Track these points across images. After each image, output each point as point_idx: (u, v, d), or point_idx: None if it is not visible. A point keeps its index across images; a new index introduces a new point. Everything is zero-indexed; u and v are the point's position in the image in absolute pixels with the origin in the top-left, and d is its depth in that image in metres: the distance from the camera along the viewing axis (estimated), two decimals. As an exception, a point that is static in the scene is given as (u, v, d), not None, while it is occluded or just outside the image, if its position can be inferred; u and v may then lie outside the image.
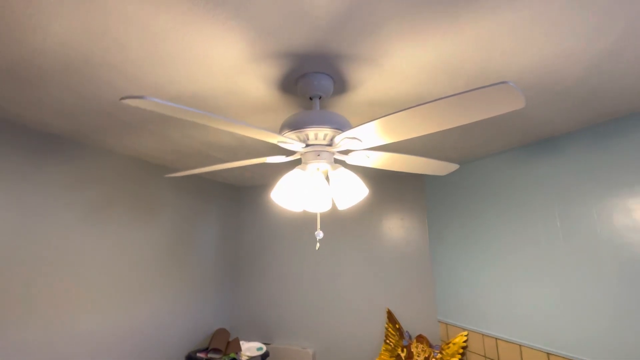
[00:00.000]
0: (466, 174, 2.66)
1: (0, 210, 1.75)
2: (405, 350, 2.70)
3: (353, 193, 1.22)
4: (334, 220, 3.25)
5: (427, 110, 0.86)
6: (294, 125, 1.18)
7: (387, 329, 2.85)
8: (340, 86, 1.40)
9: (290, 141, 1.11)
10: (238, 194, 3.72)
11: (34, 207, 1.90)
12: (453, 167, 1.46)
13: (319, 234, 1.26)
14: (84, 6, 0.94)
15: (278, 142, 1.10)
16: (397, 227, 3.08)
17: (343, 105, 1.57)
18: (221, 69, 1.26)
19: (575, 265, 1.90)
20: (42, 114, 1.71)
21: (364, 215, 3.19)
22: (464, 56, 1.20)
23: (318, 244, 1.45)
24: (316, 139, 1.20)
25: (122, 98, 0.67)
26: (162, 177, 2.77)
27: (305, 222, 3.37)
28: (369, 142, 1.13)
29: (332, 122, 1.17)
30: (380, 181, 3.20)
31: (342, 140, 1.13)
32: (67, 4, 0.93)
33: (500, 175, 2.40)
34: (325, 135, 1.19)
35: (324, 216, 3.27)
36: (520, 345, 2.14)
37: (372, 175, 3.18)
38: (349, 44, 1.12)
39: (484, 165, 2.53)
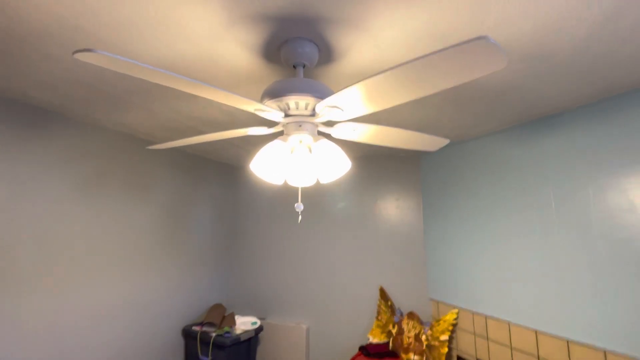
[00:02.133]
0: (462, 153, 2.61)
1: (-14, 183, 1.74)
2: (396, 326, 2.73)
3: (335, 166, 1.18)
4: (330, 198, 3.23)
5: (407, 71, 0.81)
6: (273, 93, 1.13)
7: (379, 305, 2.88)
8: (326, 54, 1.34)
9: (268, 109, 1.07)
10: (234, 173, 3.70)
11: (24, 181, 1.89)
12: (443, 141, 1.42)
13: (299, 206, 1.24)
14: (45, -40, 0.89)
15: (255, 110, 1.05)
16: (392, 207, 3.06)
17: (330, 76, 1.51)
18: (199, 34, 1.21)
19: (568, 246, 1.87)
20: (26, 86, 1.67)
21: (359, 194, 3.17)
22: (456, 22, 1.13)
23: (300, 217, 1.41)
24: (297, 108, 1.15)
25: (74, 52, 0.63)
26: (156, 154, 2.75)
27: (299, 201, 3.36)
28: (351, 111, 1.08)
29: (314, 90, 1.12)
30: (377, 160, 3.15)
31: (323, 110, 1.08)
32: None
33: (495, 155, 2.35)
34: (307, 104, 1.14)
35: (320, 195, 3.25)
36: (509, 323, 2.15)
37: (368, 155, 3.14)
38: (332, 5, 1.05)
39: (480, 144, 2.47)
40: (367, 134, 1.32)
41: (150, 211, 2.67)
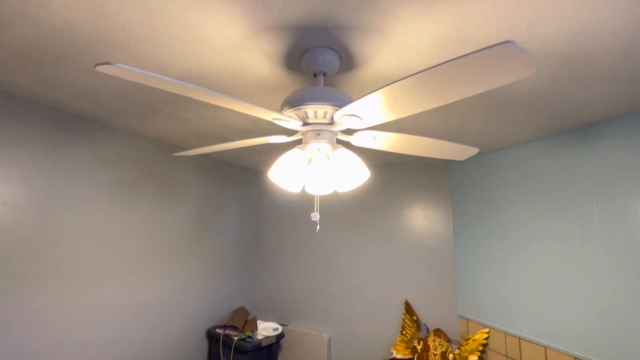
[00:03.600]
0: (494, 163, 2.47)
1: (30, 186, 1.87)
2: (421, 342, 2.61)
3: (353, 175, 1.15)
4: (354, 208, 3.18)
5: (427, 78, 0.77)
6: (292, 102, 1.13)
7: (404, 320, 2.78)
8: (347, 62, 1.32)
9: (286, 119, 1.06)
10: (258, 178, 3.75)
11: (61, 184, 2.02)
12: (472, 150, 1.34)
13: (315, 216, 1.21)
14: (79, -21, 0.94)
15: (273, 119, 1.05)
16: (419, 217, 2.95)
17: (351, 84, 1.49)
18: (223, 45, 1.23)
19: (613, 264, 1.70)
20: (63, 95, 1.79)
21: (385, 203, 3.09)
22: (483, 28, 1.07)
23: (318, 227, 1.38)
24: (316, 117, 1.14)
25: (96, 65, 0.65)
26: (184, 159, 2.85)
27: (325, 207, 3.34)
28: (370, 119, 1.05)
29: (332, 99, 1.10)
30: (403, 168, 3.07)
31: (341, 118, 1.06)
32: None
33: (531, 165, 2.21)
34: (326, 112, 1.12)
35: (345, 204, 3.21)
36: (545, 347, 1.99)
37: (394, 162, 3.07)
38: (352, 12, 1.04)
39: (513, 153, 2.33)
40: (388, 142, 1.28)
41: (178, 215, 2.76)
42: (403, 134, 1.23)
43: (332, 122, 1.16)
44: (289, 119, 1.06)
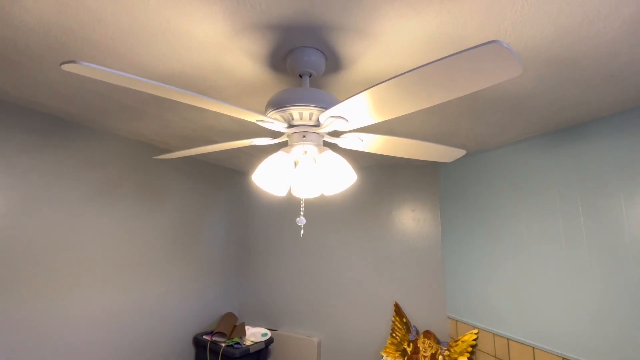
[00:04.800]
0: (482, 163, 2.48)
1: (6, 190, 1.79)
2: (411, 345, 2.60)
3: (340, 178, 1.12)
4: (343, 210, 3.16)
5: (413, 78, 0.75)
6: (276, 103, 1.10)
7: (393, 322, 2.76)
8: (334, 63, 1.29)
9: (270, 120, 1.03)
10: (246, 180, 3.70)
11: (40, 188, 1.94)
12: (459, 152, 1.33)
13: (301, 220, 1.18)
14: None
15: (256, 120, 1.02)
16: (407, 219, 2.95)
17: (338, 85, 1.46)
18: (205, 44, 1.19)
19: (599, 264, 1.72)
20: (40, 96, 1.72)
21: (373, 205, 3.08)
22: (468, 29, 1.06)
23: (302, 232, 1.35)
24: (301, 119, 1.11)
25: (61, 64, 0.61)
26: (169, 161, 2.78)
27: (313, 211, 3.31)
28: (356, 121, 1.02)
29: (318, 101, 1.08)
30: (391, 169, 3.06)
31: (327, 120, 1.03)
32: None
33: (518, 166, 2.22)
34: (311, 114, 1.10)
35: (333, 207, 3.19)
36: (533, 348, 2.00)
37: (382, 163, 3.06)
38: (337, 12, 1.01)
39: (501, 154, 2.34)
40: (376, 144, 1.26)
41: (162, 218, 2.69)
42: (390, 136, 1.21)
43: (318, 124, 1.13)
44: (274, 121, 1.03)
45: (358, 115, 0.98)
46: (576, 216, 1.85)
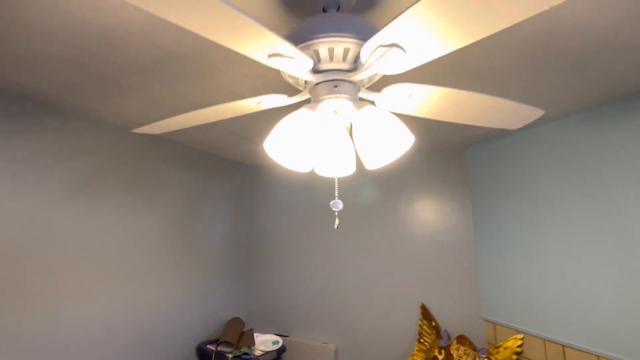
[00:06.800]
0: (521, 143, 2.15)
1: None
2: (443, 351, 2.28)
3: (390, 143, 0.79)
4: (360, 201, 2.83)
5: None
6: (297, 37, 0.76)
7: (421, 326, 2.44)
8: (368, -6, 0.96)
9: (290, 55, 0.69)
10: (251, 173, 3.37)
11: (8, 181, 1.61)
12: (537, 113, 1.00)
13: (337, 205, 0.86)
14: None
15: (269, 55, 0.68)
16: (432, 210, 2.62)
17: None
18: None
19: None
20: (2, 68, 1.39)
21: (393, 196, 2.75)
22: None
23: (337, 221, 1.03)
24: (331, 59, 0.78)
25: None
26: (163, 151, 2.46)
27: (328, 203, 2.98)
28: (420, 52, 0.68)
29: (356, 30, 0.75)
30: (412, 156, 2.71)
31: (373, 54, 0.70)
32: None
33: (568, 143, 1.89)
34: (346, 50, 0.76)
35: (347, 195, 2.86)
36: (598, 356, 1.67)
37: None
38: None
39: (546, 131, 2.01)
40: (429, 101, 0.92)
41: (157, 214, 2.37)
42: (451, 88, 0.88)
43: (354, 68, 0.80)
44: (296, 56, 0.69)
45: (423, 41, 0.64)
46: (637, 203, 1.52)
